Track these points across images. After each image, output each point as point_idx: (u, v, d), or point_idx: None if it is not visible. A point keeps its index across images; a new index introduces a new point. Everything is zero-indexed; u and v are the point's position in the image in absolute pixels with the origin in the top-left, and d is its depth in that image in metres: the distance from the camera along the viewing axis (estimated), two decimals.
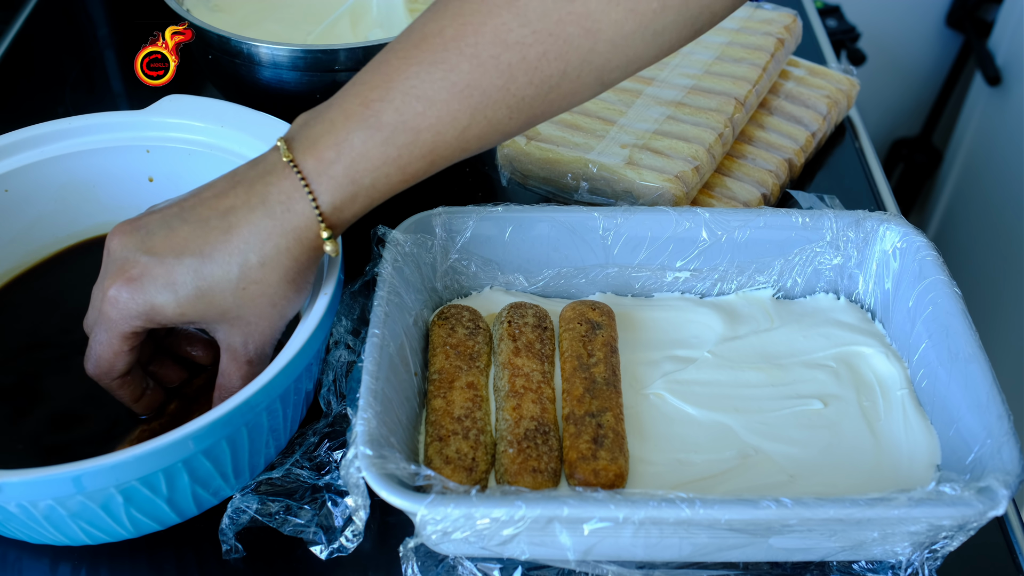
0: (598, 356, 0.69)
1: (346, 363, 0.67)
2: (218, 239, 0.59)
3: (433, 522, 0.55)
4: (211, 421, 0.56)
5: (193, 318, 0.60)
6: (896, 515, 0.55)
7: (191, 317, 0.60)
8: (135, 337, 0.61)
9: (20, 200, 0.74)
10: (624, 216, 0.74)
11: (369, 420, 0.59)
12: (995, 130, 1.75)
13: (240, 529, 0.63)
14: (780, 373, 0.71)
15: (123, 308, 0.59)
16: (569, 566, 0.59)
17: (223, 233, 0.59)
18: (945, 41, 1.98)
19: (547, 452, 0.64)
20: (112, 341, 0.61)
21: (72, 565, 0.64)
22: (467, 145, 0.61)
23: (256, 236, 0.59)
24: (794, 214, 0.75)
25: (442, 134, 0.59)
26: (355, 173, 0.59)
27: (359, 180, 0.59)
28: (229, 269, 0.59)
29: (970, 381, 0.63)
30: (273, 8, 1.02)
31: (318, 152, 0.59)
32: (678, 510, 0.54)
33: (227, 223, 0.59)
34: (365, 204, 0.61)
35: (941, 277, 0.69)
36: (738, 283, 0.77)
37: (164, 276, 0.58)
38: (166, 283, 0.58)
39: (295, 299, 0.62)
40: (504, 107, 0.60)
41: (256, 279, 0.59)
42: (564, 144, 0.88)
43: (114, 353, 0.61)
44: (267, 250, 0.59)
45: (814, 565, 0.62)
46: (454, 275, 0.76)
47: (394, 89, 0.58)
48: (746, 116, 0.93)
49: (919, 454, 0.66)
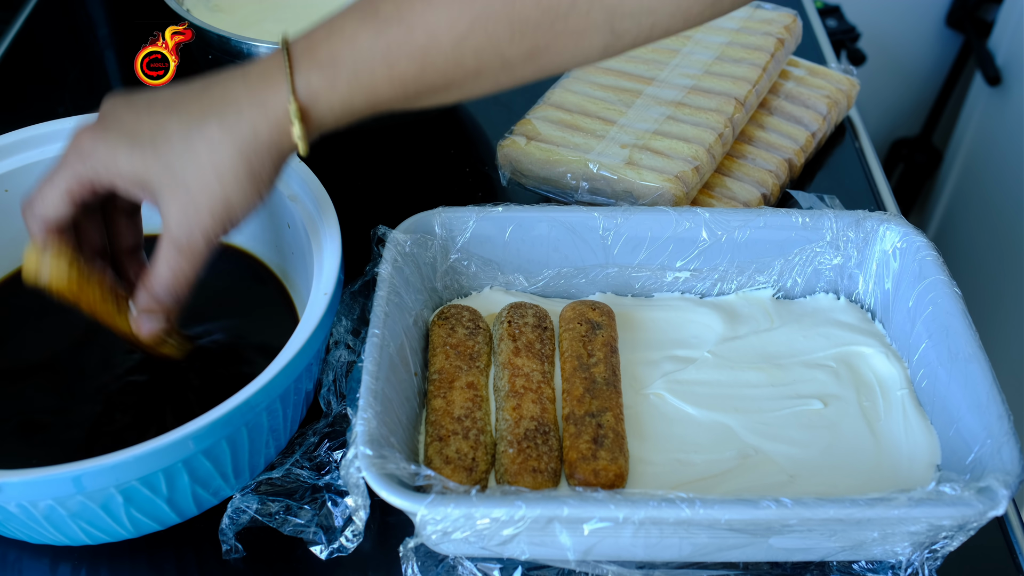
0: (598, 356, 0.69)
1: (346, 363, 0.67)
2: (190, 97, 0.58)
3: (433, 522, 0.55)
4: (211, 421, 0.56)
5: (140, 171, 0.58)
6: (896, 515, 0.55)
7: (139, 169, 0.58)
8: (82, 188, 0.60)
9: (20, 200, 0.74)
10: (624, 216, 0.74)
11: (369, 420, 0.59)
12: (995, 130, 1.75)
13: (240, 529, 0.63)
14: (780, 373, 0.71)
15: (84, 151, 0.59)
16: (569, 566, 0.59)
17: (197, 93, 0.58)
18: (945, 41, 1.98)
19: (547, 452, 0.64)
20: (59, 181, 0.60)
21: (72, 565, 0.64)
22: (462, 59, 0.58)
23: (225, 98, 0.58)
24: (794, 214, 0.75)
25: (437, 38, 0.57)
26: (338, 54, 0.58)
27: (341, 61, 0.57)
28: (188, 121, 0.58)
29: (970, 381, 0.63)
30: (273, 8, 1.03)
31: (310, 36, 0.59)
32: (678, 510, 0.54)
33: (205, 85, 0.59)
34: (344, 98, 0.58)
35: (941, 277, 0.69)
36: (738, 283, 0.77)
37: (131, 124, 0.58)
38: (130, 131, 0.58)
39: (244, 188, 0.58)
40: (506, 24, 0.57)
41: (209, 138, 0.57)
42: (564, 144, 0.88)
43: (57, 192, 0.60)
44: (229, 114, 0.57)
45: (814, 565, 0.62)
46: (454, 275, 0.76)
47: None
48: (746, 116, 0.93)
49: (919, 454, 0.66)
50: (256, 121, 0.57)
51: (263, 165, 0.58)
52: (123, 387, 0.70)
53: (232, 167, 0.58)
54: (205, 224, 0.59)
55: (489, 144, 0.95)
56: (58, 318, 0.74)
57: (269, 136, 0.58)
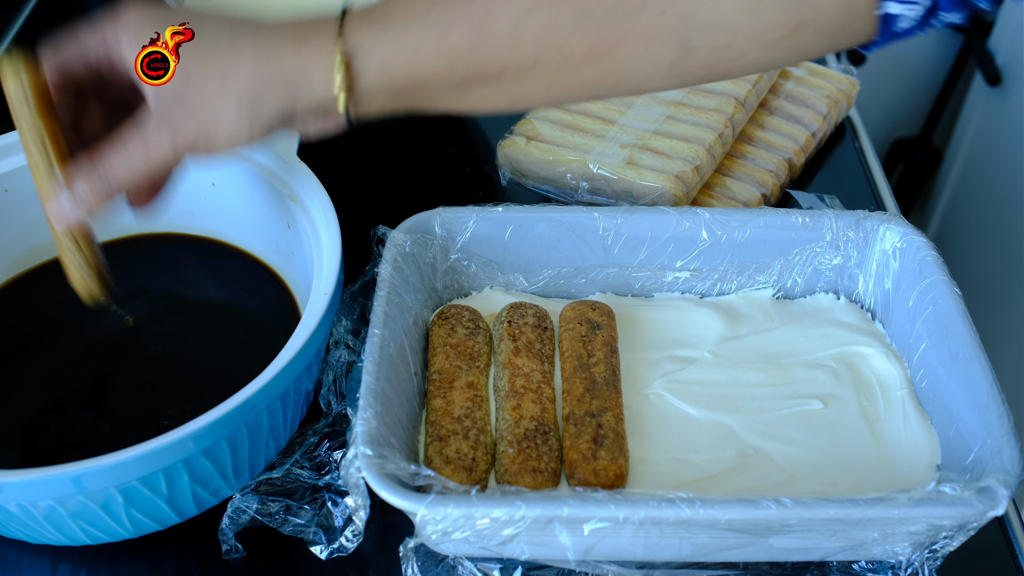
0: (598, 356, 0.69)
1: (346, 363, 0.67)
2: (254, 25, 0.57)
3: (433, 522, 0.55)
4: (211, 421, 0.56)
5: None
6: (896, 515, 0.55)
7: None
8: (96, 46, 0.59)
9: (20, 200, 0.74)
10: (624, 216, 0.74)
11: (369, 420, 0.59)
12: (995, 130, 1.75)
13: (240, 529, 0.63)
14: (780, 373, 0.71)
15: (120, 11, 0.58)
16: (569, 566, 0.59)
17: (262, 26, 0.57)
18: (945, 41, 1.98)
19: (547, 452, 0.64)
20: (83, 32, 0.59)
21: (72, 565, 0.64)
22: (520, 41, 0.54)
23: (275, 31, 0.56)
24: (794, 214, 0.75)
25: (496, 11, 0.53)
26: (392, 9, 0.55)
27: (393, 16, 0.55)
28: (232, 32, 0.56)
29: (970, 381, 0.63)
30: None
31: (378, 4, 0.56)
32: (678, 510, 0.54)
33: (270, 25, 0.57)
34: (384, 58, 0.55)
35: (941, 277, 0.69)
36: (738, 283, 0.77)
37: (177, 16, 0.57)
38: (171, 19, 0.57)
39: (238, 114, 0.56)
40: (571, 11, 0.53)
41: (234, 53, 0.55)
42: (564, 144, 0.88)
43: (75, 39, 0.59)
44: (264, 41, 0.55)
45: (814, 565, 0.62)
46: (454, 275, 0.76)
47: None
48: (746, 116, 0.93)
49: (919, 454, 0.66)
50: (286, 54, 0.55)
51: (269, 102, 0.56)
52: (123, 386, 0.70)
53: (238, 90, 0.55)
54: (183, 129, 0.56)
55: (489, 144, 0.95)
56: (58, 318, 0.74)
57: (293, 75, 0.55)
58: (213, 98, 0.56)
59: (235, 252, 0.78)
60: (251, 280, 0.77)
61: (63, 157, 0.60)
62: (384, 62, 0.55)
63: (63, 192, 0.59)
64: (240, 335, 0.74)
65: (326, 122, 0.59)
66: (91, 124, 0.63)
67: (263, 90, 0.55)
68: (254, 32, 0.56)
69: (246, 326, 0.75)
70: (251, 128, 0.57)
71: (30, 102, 0.58)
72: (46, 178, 0.60)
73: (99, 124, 0.63)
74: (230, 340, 0.74)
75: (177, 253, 0.78)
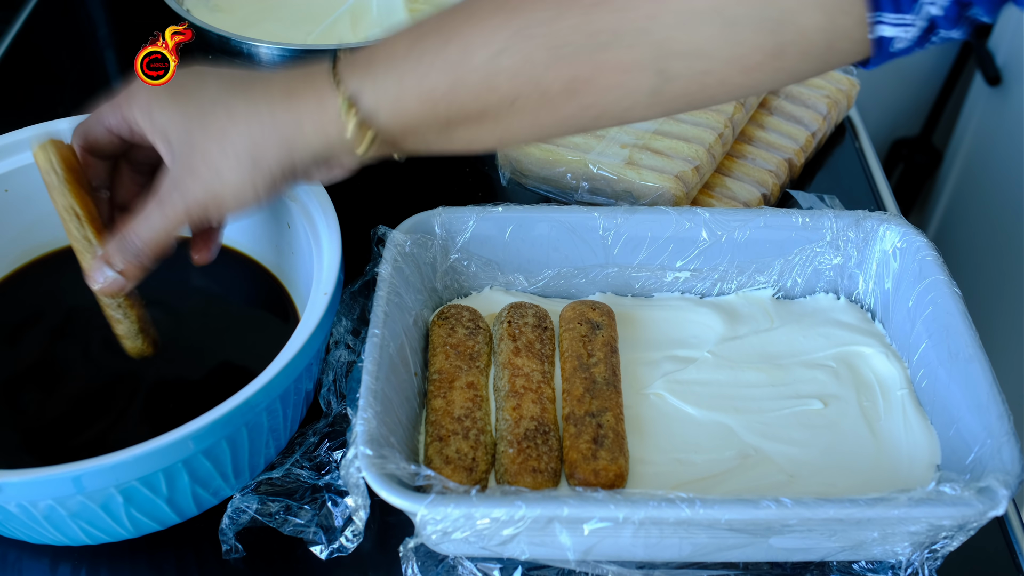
0: (598, 356, 0.69)
1: (346, 363, 0.67)
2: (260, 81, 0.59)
3: (433, 522, 0.55)
4: (211, 421, 0.56)
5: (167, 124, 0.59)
6: (896, 515, 0.55)
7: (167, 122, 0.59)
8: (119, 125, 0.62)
9: (20, 200, 0.74)
10: (624, 216, 0.74)
11: (369, 420, 0.59)
12: (995, 130, 1.75)
13: (240, 529, 0.63)
14: (780, 373, 0.71)
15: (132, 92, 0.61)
16: (569, 566, 0.59)
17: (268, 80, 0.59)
18: None
19: (547, 452, 0.64)
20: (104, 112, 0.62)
21: (72, 565, 0.64)
22: (496, 79, 0.54)
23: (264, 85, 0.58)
24: (794, 214, 0.75)
25: (470, 52, 0.54)
26: (373, 56, 0.56)
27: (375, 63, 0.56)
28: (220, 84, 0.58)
29: (970, 381, 0.63)
30: (273, 8, 1.02)
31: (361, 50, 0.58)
32: (678, 510, 0.54)
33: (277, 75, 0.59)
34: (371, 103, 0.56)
35: (941, 277, 0.69)
36: (738, 283, 0.77)
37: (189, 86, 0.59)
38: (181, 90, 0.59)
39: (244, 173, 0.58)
40: (544, 46, 0.53)
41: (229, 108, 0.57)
42: (564, 144, 0.88)
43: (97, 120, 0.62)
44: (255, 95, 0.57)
45: (814, 565, 0.62)
46: (454, 275, 0.76)
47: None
48: (746, 116, 0.93)
49: (919, 454, 0.66)
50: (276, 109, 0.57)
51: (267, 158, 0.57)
52: (123, 387, 0.70)
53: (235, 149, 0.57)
54: (192, 191, 0.58)
55: None
56: (58, 318, 0.74)
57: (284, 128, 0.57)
58: (215, 158, 0.57)
59: (235, 253, 0.78)
60: (251, 280, 0.77)
61: (99, 230, 0.63)
62: (369, 109, 0.56)
63: (102, 266, 0.62)
64: (240, 335, 0.74)
65: (330, 171, 0.62)
66: (126, 189, 0.67)
67: (258, 147, 0.57)
68: (247, 87, 0.58)
69: (246, 326, 0.75)
70: (254, 186, 0.58)
71: (59, 176, 0.62)
72: (86, 253, 0.63)
73: (135, 188, 0.67)
74: (230, 340, 0.74)
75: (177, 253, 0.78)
